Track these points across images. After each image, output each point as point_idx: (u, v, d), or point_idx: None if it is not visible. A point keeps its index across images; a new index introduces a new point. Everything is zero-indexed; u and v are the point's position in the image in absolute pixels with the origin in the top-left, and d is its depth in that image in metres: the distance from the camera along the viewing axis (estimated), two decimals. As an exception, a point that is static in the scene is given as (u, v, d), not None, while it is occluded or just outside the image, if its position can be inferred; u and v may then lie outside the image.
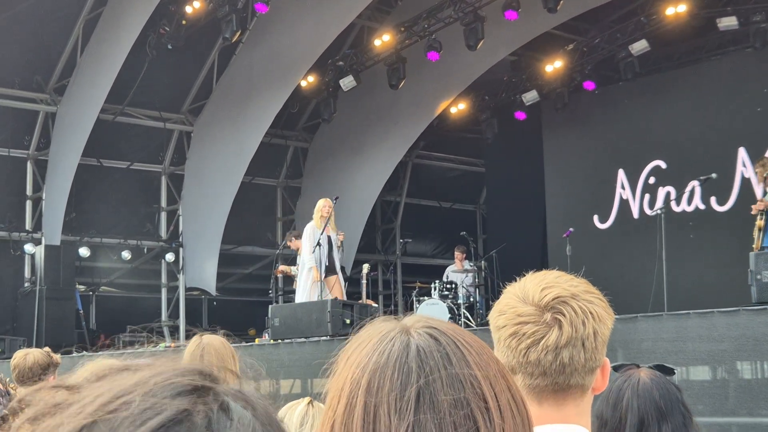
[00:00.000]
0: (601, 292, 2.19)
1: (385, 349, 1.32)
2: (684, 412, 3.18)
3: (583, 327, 2.08)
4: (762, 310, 9.70)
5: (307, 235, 15.02)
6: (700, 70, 20.76)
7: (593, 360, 2.11)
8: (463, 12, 18.48)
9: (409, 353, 1.30)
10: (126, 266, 22.28)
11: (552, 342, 2.07)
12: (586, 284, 2.17)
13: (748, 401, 9.51)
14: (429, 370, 1.28)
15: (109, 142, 21.00)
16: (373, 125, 22.46)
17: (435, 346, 1.31)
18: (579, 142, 22.67)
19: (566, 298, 2.10)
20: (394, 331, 1.35)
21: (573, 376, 2.10)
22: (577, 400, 2.14)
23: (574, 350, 2.08)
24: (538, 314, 2.09)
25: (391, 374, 1.29)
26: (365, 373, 1.32)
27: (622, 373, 3.27)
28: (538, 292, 2.11)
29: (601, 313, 2.13)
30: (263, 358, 14.22)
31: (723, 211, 19.56)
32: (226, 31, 18.06)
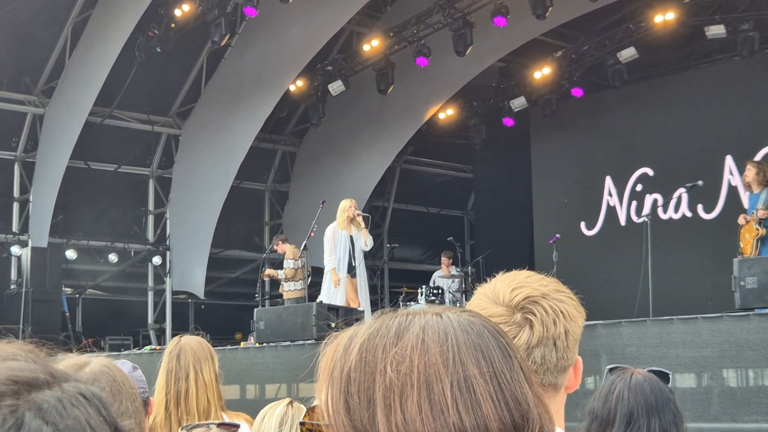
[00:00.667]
0: (574, 294, 2.20)
1: (421, 323, 1.25)
2: (675, 411, 3.20)
3: (554, 326, 2.08)
4: (745, 317, 9.73)
5: (328, 236, 14.89)
6: (688, 77, 20.83)
7: (565, 359, 2.11)
8: (452, 18, 18.51)
9: (450, 330, 1.24)
10: (113, 269, 22.25)
11: (523, 342, 2.06)
12: (556, 283, 2.17)
13: (731, 407, 9.54)
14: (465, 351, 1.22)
15: (97, 145, 20.97)
16: (362, 130, 22.48)
17: (436, 321, 1.25)
18: (567, 148, 22.72)
19: (537, 297, 2.10)
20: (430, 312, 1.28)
21: (545, 375, 2.09)
22: (550, 399, 2.12)
23: (545, 350, 2.07)
24: (508, 314, 2.09)
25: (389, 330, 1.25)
26: (371, 327, 1.28)
27: (618, 372, 3.30)
28: (508, 293, 2.11)
29: (571, 311, 2.12)
30: (248, 362, 14.22)
31: (710, 218, 19.63)
32: (215, 35, 18.05)
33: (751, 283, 9.93)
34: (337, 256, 14.68)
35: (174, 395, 4.54)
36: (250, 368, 14.12)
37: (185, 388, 4.54)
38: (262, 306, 17.00)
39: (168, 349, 4.72)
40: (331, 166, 22.92)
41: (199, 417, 4.51)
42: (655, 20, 19.15)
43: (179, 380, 4.55)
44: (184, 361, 4.59)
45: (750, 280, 9.95)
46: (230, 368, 4.16)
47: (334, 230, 14.84)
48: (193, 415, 4.52)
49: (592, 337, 10.52)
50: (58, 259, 20.53)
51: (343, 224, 14.76)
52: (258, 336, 14.83)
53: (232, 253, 23.41)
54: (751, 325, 9.49)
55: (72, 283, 21.89)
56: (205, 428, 3.25)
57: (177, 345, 4.69)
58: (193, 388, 4.55)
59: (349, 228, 14.78)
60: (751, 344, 9.43)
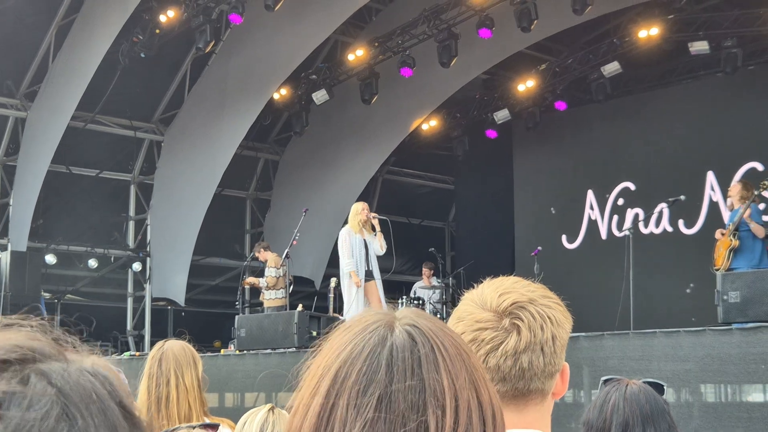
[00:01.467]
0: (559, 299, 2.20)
1: (362, 340, 1.32)
2: (670, 422, 3.19)
3: (541, 331, 2.08)
4: (727, 331, 9.76)
5: (342, 239, 14.56)
6: (670, 93, 20.91)
7: (552, 364, 2.11)
8: (438, 29, 18.53)
9: (383, 349, 1.30)
10: (92, 275, 22.16)
11: (511, 347, 2.07)
12: (543, 289, 2.18)
13: (712, 421, 9.55)
14: (397, 370, 1.27)
15: (79, 150, 20.88)
16: (346, 140, 22.47)
17: (410, 346, 1.30)
18: (549, 161, 22.76)
19: (524, 303, 2.10)
20: (379, 323, 1.34)
21: (533, 380, 2.10)
22: (537, 405, 2.14)
23: (533, 355, 2.08)
24: (496, 320, 2.09)
25: (360, 367, 1.28)
26: (337, 360, 1.31)
27: (613, 383, 3.29)
28: (495, 298, 2.11)
29: (559, 317, 2.13)
30: (228, 369, 14.17)
31: (691, 233, 19.69)
32: (199, 42, 18.03)
33: (734, 297, 9.95)
34: (356, 262, 14.40)
35: (155, 400, 4.52)
36: (230, 376, 14.08)
37: (166, 393, 4.52)
38: (243, 314, 16.95)
39: (151, 353, 4.70)
40: (314, 175, 22.89)
41: (181, 422, 4.49)
42: (639, 35, 19.22)
43: (160, 385, 4.53)
44: (165, 367, 4.57)
45: (733, 294, 9.97)
46: (210, 375, 4.18)
47: (348, 233, 14.51)
48: (174, 420, 4.50)
49: (574, 349, 10.52)
50: (38, 264, 20.41)
51: (357, 228, 14.44)
52: (239, 343, 14.79)
53: (213, 260, 23.34)
54: (733, 339, 9.51)
55: (51, 288, 21.77)
56: (186, 429, 3.23)
57: (159, 350, 4.67)
58: (174, 393, 4.53)
59: (362, 232, 14.49)
60: (733, 359, 9.45)
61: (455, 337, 1.35)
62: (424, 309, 17.10)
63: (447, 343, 1.32)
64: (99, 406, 1.00)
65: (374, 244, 14.57)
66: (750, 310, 9.90)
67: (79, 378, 1.01)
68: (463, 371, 1.30)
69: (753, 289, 9.95)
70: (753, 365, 9.36)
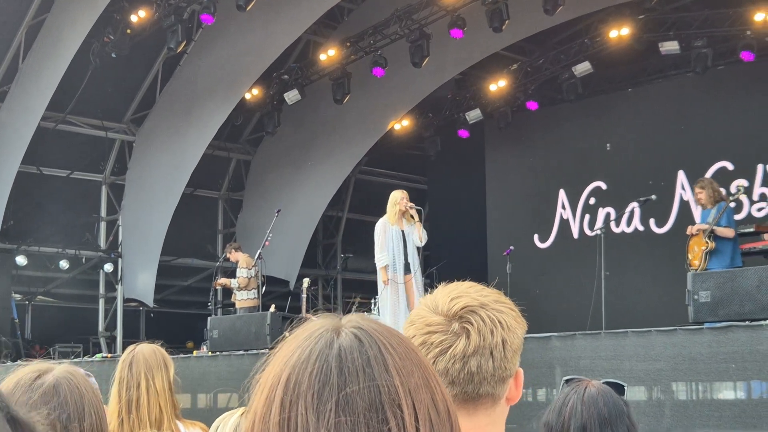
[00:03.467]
0: (524, 308, 2.21)
1: (309, 346, 1.31)
2: (629, 424, 3.20)
3: (491, 336, 2.09)
4: (698, 330, 9.81)
5: (377, 232, 13.78)
6: (641, 93, 20.99)
7: (502, 369, 2.11)
8: (409, 29, 18.55)
9: (331, 352, 1.29)
10: (64, 276, 22.04)
11: (459, 351, 2.07)
12: (497, 294, 2.18)
13: (683, 420, 9.60)
14: (347, 371, 1.27)
15: (50, 150, 20.77)
16: (319, 140, 22.45)
17: (357, 347, 1.30)
18: (521, 161, 22.82)
19: (475, 307, 2.11)
20: (324, 328, 1.34)
21: (482, 385, 2.10)
22: (488, 409, 2.14)
23: (482, 359, 2.08)
24: (446, 324, 2.10)
25: (311, 371, 1.28)
26: (286, 368, 1.31)
27: (573, 384, 3.30)
28: (447, 302, 2.12)
29: (510, 322, 2.13)
30: (200, 371, 14.13)
31: (662, 232, 19.78)
32: (171, 42, 17.96)
33: (705, 297, 10.00)
34: (390, 255, 13.60)
35: (126, 404, 4.51)
36: (202, 377, 14.04)
37: (136, 397, 4.51)
38: (215, 315, 16.91)
39: (122, 357, 4.69)
40: (287, 175, 22.86)
41: (151, 426, 4.47)
42: (610, 35, 19.30)
43: (131, 389, 4.52)
44: (135, 370, 4.56)
45: (704, 294, 10.02)
46: (182, 377, 4.17)
47: (384, 225, 13.76)
48: (145, 424, 4.48)
49: (546, 349, 10.56)
50: (8, 265, 20.31)
51: (394, 219, 13.66)
52: (211, 345, 14.75)
53: (185, 261, 23.26)
54: (704, 338, 9.57)
55: (22, 289, 21.66)
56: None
57: (130, 353, 4.67)
58: (145, 396, 4.51)
59: (400, 223, 13.68)
60: (703, 357, 9.50)
61: (403, 338, 1.35)
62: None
63: (394, 343, 1.32)
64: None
65: (413, 234, 13.81)
66: (720, 310, 9.96)
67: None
68: (415, 371, 1.31)
69: (723, 289, 10.01)
70: (723, 364, 9.42)
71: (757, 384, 9.50)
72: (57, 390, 2.35)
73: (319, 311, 1.39)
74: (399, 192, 13.97)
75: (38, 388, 2.33)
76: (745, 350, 9.30)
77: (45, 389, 2.33)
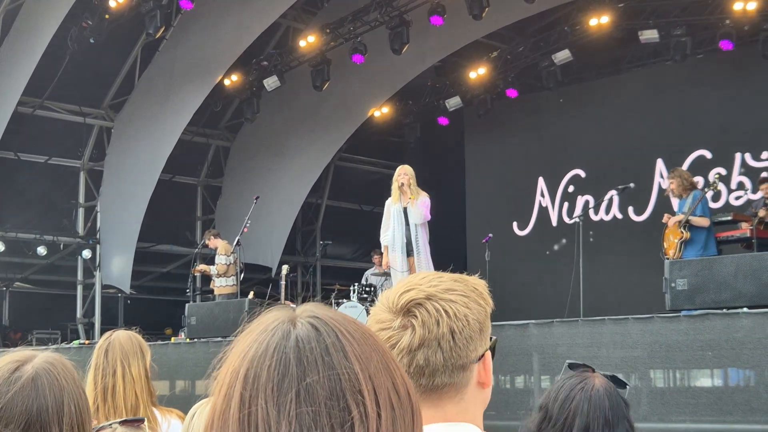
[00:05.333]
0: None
1: (265, 339, 1.30)
2: (628, 428, 3.21)
3: (437, 327, 2.07)
4: (675, 318, 9.85)
5: (385, 209, 13.22)
6: (620, 81, 21.04)
7: (456, 358, 2.09)
8: (389, 16, 18.52)
9: (288, 343, 1.28)
10: (41, 262, 21.95)
11: (405, 345, 2.07)
12: (452, 281, 2.16)
13: (660, 407, 9.64)
14: (306, 361, 1.26)
15: (27, 136, 20.67)
16: (299, 127, 22.39)
17: (315, 336, 1.29)
18: (500, 149, 22.85)
19: (420, 300, 2.10)
20: (279, 320, 1.33)
21: (435, 376, 2.08)
22: (453, 398, 2.12)
23: (429, 351, 2.07)
24: (392, 319, 2.10)
25: (269, 364, 1.27)
26: (244, 363, 1.29)
27: (577, 374, 3.28)
28: (396, 297, 2.12)
29: (459, 310, 2.10)
30: (179, 357, 14.11)
31: (640, 220, 19.85)
32: (149, 27, 17.87)
33: (682, 284, 10.06)
34: (391, 234, 13.00)
35: (101, 391, 4.50)
36: (180, 363, 14.02)
37: (112, 384, 4.50)
38: (193, 301, 16.88)
39: (98, 344, 4.67)
40: (266, 161, 22.81)
41: (127, 413, 4.46)
42: (589, 23, 19.31)
43: (106, 376, 4.51)
44: (111, 357, 4.55)
45: (681, 282, 10.07)
46: (160, 363, 4.17)
47: (388, 204, 13.14)
48: (121, 411, 4.47)
49: (524, 336, 10.58)
50: (-14, 252, 20.22)
51: (396, 196, 12.98)
52: (189, 331, 14.73)
53: (163, 247, 23.20)
54: (680, 326, 9.61)
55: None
56: (108, 429, 3.20)
57: (106, 340, 4.65)
58: (120, 384, 4.50)
59: (403, 200, 12.96)
60: (680, 345, 9.55)
61: (359, 324, 1.35)
62: (375, 296, 17.07)
63: (351, 329, 1.32)
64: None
65: (413, 211, 13.07)
66: (697, 298, 10.01)
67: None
68: (374, 355, 1.30)
69: (700, 276, 10.06)
70: (700, 351, 9.47)
71: (733, 371, 9.56)
72: (36, 384, 2.31)
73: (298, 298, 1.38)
74: (401, 167, 13.35)
75: (16, 382, 2.29)
76: (721, 338, 9.35)
77: (23, 383, 2.29)
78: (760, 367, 9.15)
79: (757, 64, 18.62)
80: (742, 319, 9.27)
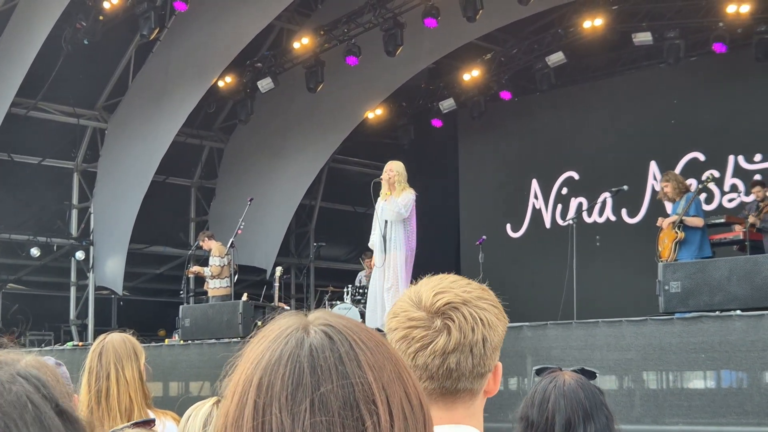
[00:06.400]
0: (498, 298, 2.22)
1: (278, 347, 1.30)
2: (607, 413, 3.23)
3: (472, 333, 2.11)
4: (668, 320, 9.87)
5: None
6: (614, 83, 21.07)
7: (482, 366, 2.13)
8: (383, 18, 18.52)
9: (302, 352, 1.28)
10: (35, 263, 21.91)
11: (440, 347, 2.09)
12: (481, 290, 2.19)
13: (653, 409, 9.65)
14: (320, 370, 1.26)
15: (21, 137, 20.63)
16: (293, 129, 22.38)
17: (329, 344, 1.29)
18: (494, 151, 22.87)
19: (457, 304, 2.12)
20: (292, 327, 1.33)
21: (460, 381, 2.12)
22: (466, 403, 2.17)
23: (461, 356, 2.10)
24: (428, 319, 2.12)
25: (283, 373, 1.27)
26: (257, 371, 1.29)
27: (545, 376, 3.30)
28: (430, 297, 2.14)
29: (491, 319, 2.15)
30: (172, 359, 14.10)
31: (633, 223, 19.87)
32: (143, 28, 17.84)
33: (675, 287, 10.06)
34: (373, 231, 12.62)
35: (95, 394, 4.50)
36: (174, 365, 14.01)
37: (106, 387, 4.50)
38: (187, 303, 16.87)
39: (92, 347, 4.67)
40: (261, 163, 22.79)
41: (122, 416, 4.46)
42: (583, 26, 19.33)
43: (100, 379, 4.51)
44: (105, 360, 4.55)
45: (674, 285, 10.08)
46: (154, 365, 4.17)
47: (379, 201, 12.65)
48: (115, 414, 4.47)
49: (517, 338, 10.59)
50: (-21, 253, 20.18)
51: (384, 192, 12.57)
52: (183, 333, 14.71)
53: (157, 249, 23.17)
54: (674, 328, 9.62)
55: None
56: (128, 430, 3.20)
57: (100, 343, 4.65)
58: (114, 387, 4.50)
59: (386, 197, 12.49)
60: (674, 348, 9.56)
61: (372, 332, 1.35)
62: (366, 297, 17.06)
63: (364, 338, 1.32)
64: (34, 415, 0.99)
65: (386, 207, 12.58)
66: (691, 300, 10.02)
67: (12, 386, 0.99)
68: (387, 364, 1.30)
69: (694, 279, 10.07)
70: (693, 354, 9.48)
71: (726, 373, 9.57)
72: None
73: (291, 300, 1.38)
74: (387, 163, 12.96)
75: None
76: (714, 340, 9.36)
77: None
78: (753, 369, 9.17)
79: (750, 67, 18.66)
80: (735, 321, 9.29)
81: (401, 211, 12.36)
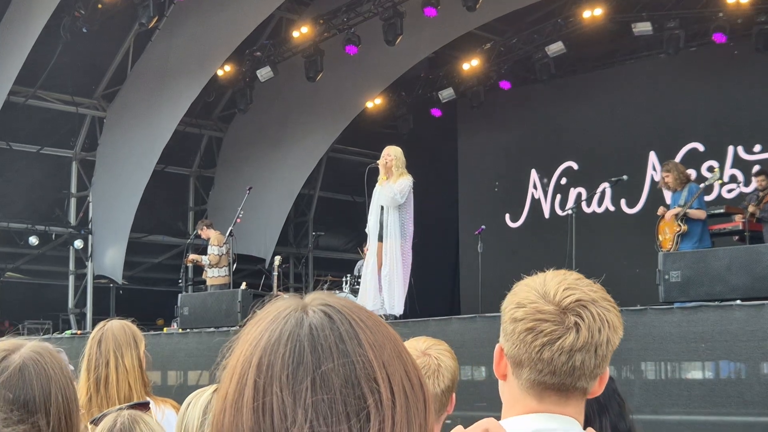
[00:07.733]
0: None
1: (278, 327, 1.30)
2: (619, 401, 3.23)
3: (599, 333, 2.12)
4: (668, 310, 9.85)
5: None
6: (613, 73, 21.05)
7: (600, 367, 2.16)
8: (383, 7, 18.48)
9: (302, 331, 1.28)
10: (33, 252, 21.89)
11: (568, 344, 2.10)
12: (602, 291, 2.22)
13: (652, 399, 9.65)
14: (321, 348, 1.26)
15: (20, 125, 20.61)
16: (292, 118, 22.35)
17: (328, 324, 1.29)
18: (493, 140, 22.84)
19: (587, 302, 2.14)
20: (290, 308, 1.33)
21: (580, 379, 2.14)
22: (578, 400, 2.19)
23: (586, 355, 2.11)
24: (559, 314, 2.13)
25: (283, 352, 1.27)
26: (257, 351, 1.29)
27: None
28: (560, 292, 2.15)
29: (615, 321, 2.17)
30: (171, 348, 14.10)
31: (632, 213, 19.87)
32: (142, 17, 17.81)
33: (675, 276, 10.05)
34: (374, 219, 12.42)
35: (94, 382, 4.49)
36: (172, 354, 14.00)
37: (105, 374, 4.49)
38: (186, 292, 16.86)
39: (92, 334, 4.66)
40: (259, 152, 22.76)
41: (120, 403, 4.44)
42: (583, 16, 19.30)
43: (99, 367, 4.50)
44: (104, 348, 4.54)
45: (674, 274, 10.07)
46: (153, 354, 4.18)
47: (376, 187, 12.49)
48: (114, 402, 4.46)
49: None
50: (-23, 241, 20.16)
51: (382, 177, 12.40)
52: (182, 322, 14.71)
53: (156, 237, 23.16)
54: (674, 318, 9.61)
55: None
56: (115, 413, 3.18)
57: (100, 330, 4.64)
58: (114, 374, 4.49)
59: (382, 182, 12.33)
60: (673, 337, 9.55)
61: (369, 312, 1.35)
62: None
63: (363, 317, 1.32)
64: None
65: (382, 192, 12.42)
66: (691, 290, 10.01)
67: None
68: (387, 343, 1.31)
69: (694, 269, 10.06)
70: (693, 344, 9.47)
71: (725, 364, 9.57)
72: (23, 373, 2.28)
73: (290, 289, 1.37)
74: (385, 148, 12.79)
75: (2, 372, 2.26)
76: (714, 330, 9.35)
77: (10, 373, 2.27)
78: (752, 359, 9.16)
79: (751, 58, 18.64)
80: (735, 311, 9.28)
81: (396, 196, 12.21)
